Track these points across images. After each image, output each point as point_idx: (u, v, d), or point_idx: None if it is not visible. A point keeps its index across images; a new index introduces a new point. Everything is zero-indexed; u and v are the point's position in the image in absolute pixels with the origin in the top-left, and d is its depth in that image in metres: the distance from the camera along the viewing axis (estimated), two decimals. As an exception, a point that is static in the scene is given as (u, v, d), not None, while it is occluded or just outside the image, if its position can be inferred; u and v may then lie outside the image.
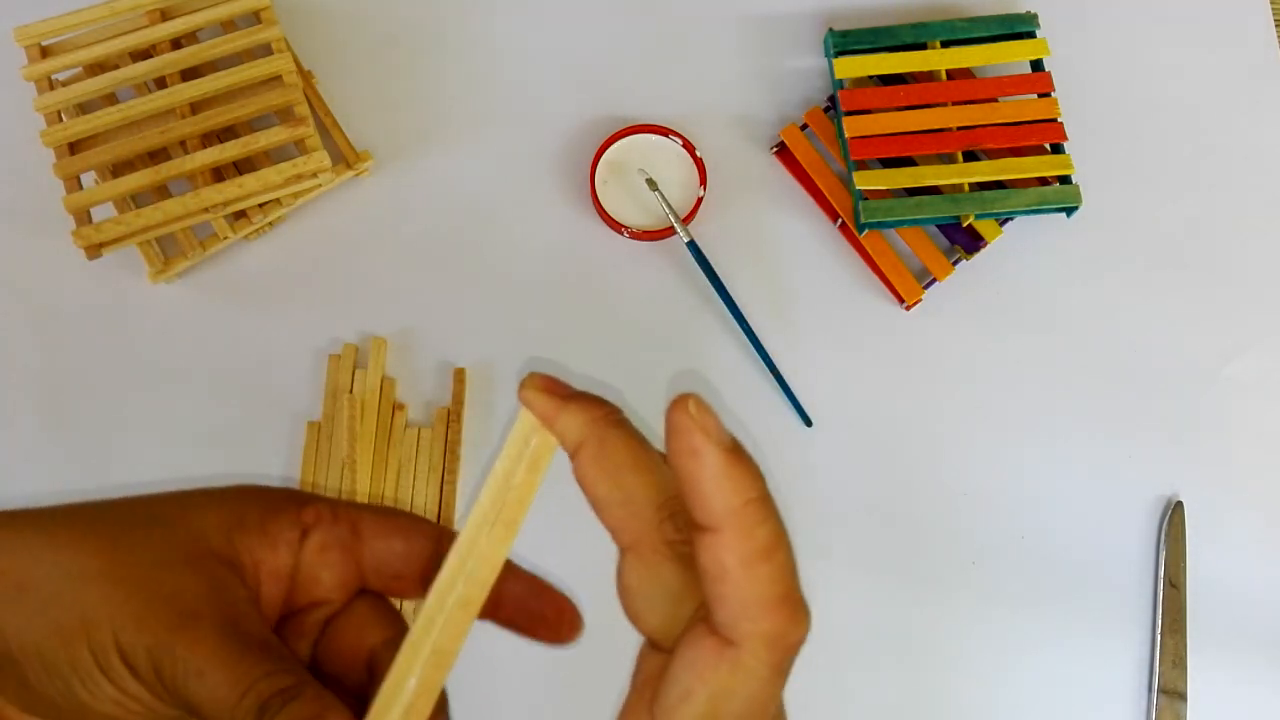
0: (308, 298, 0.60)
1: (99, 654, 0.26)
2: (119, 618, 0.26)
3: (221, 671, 0.26)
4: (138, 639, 0.26)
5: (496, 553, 0.28)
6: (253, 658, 0.26)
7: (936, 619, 0.57)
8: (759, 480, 0.24)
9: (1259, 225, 0.62)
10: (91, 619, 0.26)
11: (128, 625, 0.26)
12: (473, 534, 0.27)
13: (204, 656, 0.26)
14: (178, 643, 0.26)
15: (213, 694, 0.26)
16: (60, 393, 0.58)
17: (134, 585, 0.26)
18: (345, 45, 0.64)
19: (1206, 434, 0.59)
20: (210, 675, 0.26)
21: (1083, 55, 0.64)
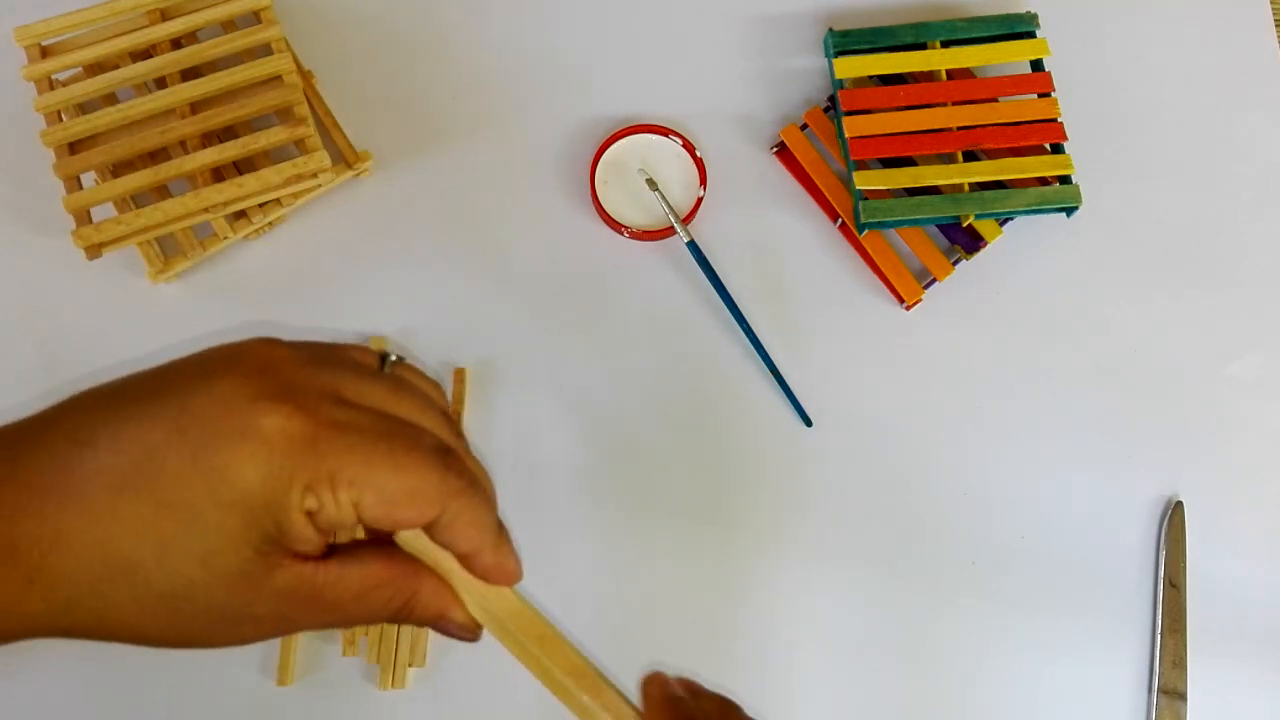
0: (308, 298, 0.60)
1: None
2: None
3: (334, 622, 0.30)
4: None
5: (508, 601, 0.34)
6: (352, 613, 0.30)
7: (936, 619, 0.57)
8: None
9: (1259, 225, 0.62)
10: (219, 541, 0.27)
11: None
12: (483, 612, 0.33)
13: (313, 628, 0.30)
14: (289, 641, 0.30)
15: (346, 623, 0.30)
16: (60, 393, 0.58)
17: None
18: (345, 45, 0.64)
19: (1206, 434, 0.59)
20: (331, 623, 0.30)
21: (1083, 55, 0.64)
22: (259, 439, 0.27)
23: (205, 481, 0.27)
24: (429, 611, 0.31)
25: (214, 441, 0.27)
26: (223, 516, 0.27)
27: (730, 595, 0.57)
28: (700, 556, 0.57)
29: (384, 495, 0.29)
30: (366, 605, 0.30)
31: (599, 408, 0.59)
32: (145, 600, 0.27)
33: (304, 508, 0.28)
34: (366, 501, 0.28)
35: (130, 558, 0.27)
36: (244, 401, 0.28)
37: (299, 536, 0.28)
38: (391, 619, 0.31)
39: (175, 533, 0.27)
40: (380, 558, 0.31)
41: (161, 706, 0.54)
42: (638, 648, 0.56)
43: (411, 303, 0.60)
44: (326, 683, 0.55)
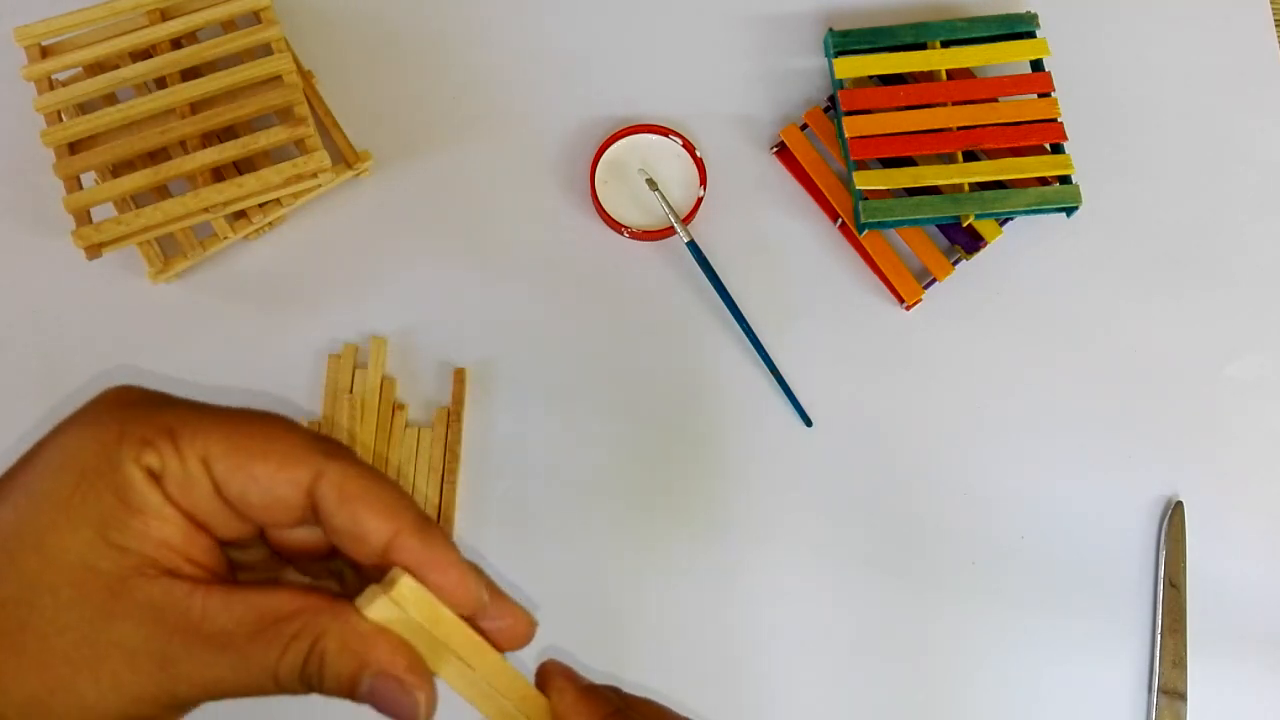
0: (308, 298, 0.60)
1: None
2: (104, 710, 0.24)
3: (234, 682, 0.25)
4: (139, 710, 0.24)
5: (497, 666, 0.28)
6: (250, 654, 0.25)
7: (936, 619, 0.57)
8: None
9: (1259, 225, 0.62)
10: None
11: (120, 709, 0.24)
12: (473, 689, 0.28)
13: (206, 686, 0.25)
14: (177, 691, 0.24)
15: (239, 692, 0.25)
16: (60, 393, 0.58)
17: (83, 678, 0.24)
18: (345, 45, 0.64)
19: (1206, 434, 0.59)
20: (229, 689, 0.25)
21: (1083, 55, 0.64)
22: (81, 417, 0.25)
23: (29, 469, 0.25)
24: (345, 660, 0.25)
25: (36, 455, 0.25)
26: (52, 487, 0.24)
27: (730, 595, 0.57)
28: (700, 556, 0.57)
29: (235, 445, 0.25)
30: (265, 646, 0.24)
31: (598, 408, 0.59)
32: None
33: (142, 464, 0.24)
34: (215, 454, 0.24)
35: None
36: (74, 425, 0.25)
37: (144, 507, 0.24)
38: (302, 675, 0.25)
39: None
40: (292, 589, 0.25)
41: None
42: (637, 648, 0.56)
43: (411, 303, 0.60)
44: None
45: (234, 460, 0.25)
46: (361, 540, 0.25)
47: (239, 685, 0.24)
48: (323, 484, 0.25)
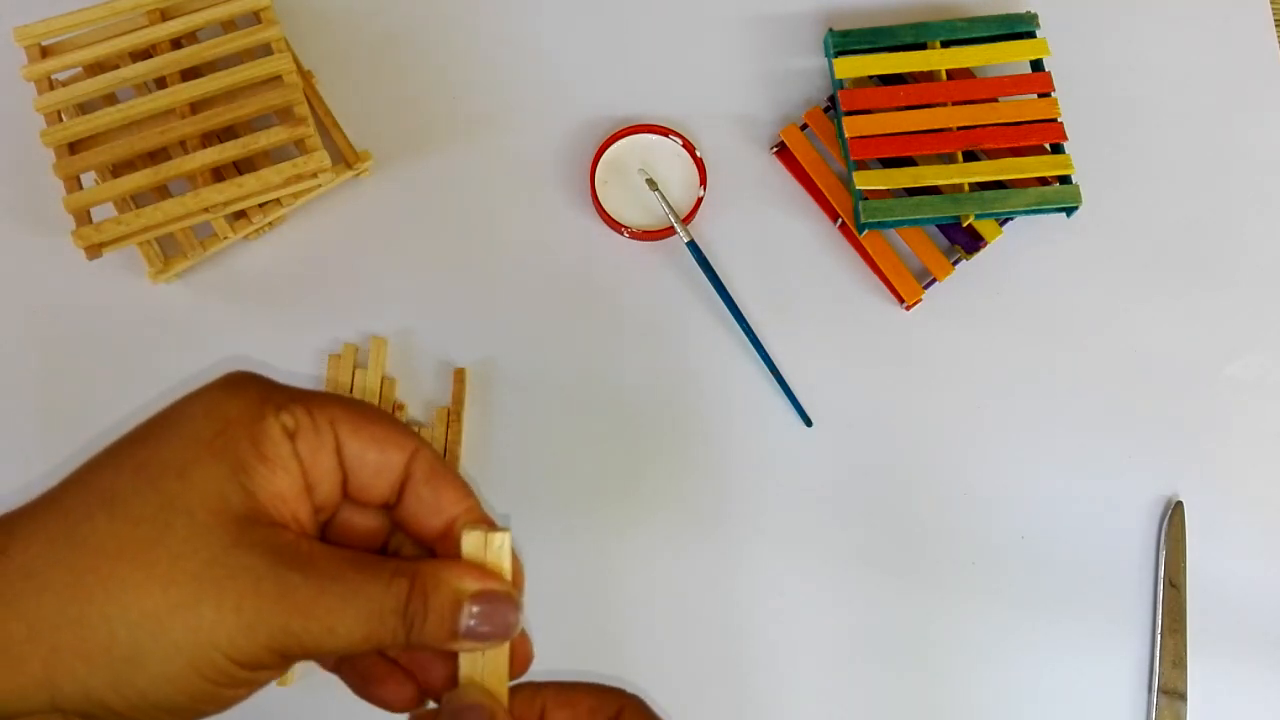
0: (307, 298, 0.60)
1: (222, 678, 0.26)
2: (218, 637, 0.25)
3: (346, 619, 0.26)
4: (253, 648, 0.25)
5: (500, 660, 0.29)
6: (359, 586, 0.26)
7: (936, 619, 0.57)
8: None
9: (1259, 225, 0.62)
10: (198, 658, 0.25)
11: (233, 643, 0.25)
12: (469, 657, 0.29)
13: (321, 618, 0.26)
14: (292, 625, 0.25)
15: (351, 638, 0.26)
16: (60, 393, 0.58)
17: (208, 597, 0.25)
18: (345, 45, 0.64)
19: (1206, 434, 0.59)
20: (339, 627, 0.26)
21: (1083, 55, 0.64)
22: (222, 382, 0.28)
23: (172, 416, 0.27)
24: (444, 592, 0.27)
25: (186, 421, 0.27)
26: (198, 429, 0.27)
27: (729, 595, 0.57)
28: (699, 556, 0.57)
29: (357, 414, 0.28)
30: (370, 579, 0.27)
31: (598, 408, 0.59)
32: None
33: (280, 420, 0.27)
34: (341, 418, 0.28)
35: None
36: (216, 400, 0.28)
37: (275, 457, 0.27)
38: (406, 612, 0.27)
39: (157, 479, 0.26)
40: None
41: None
42: (637, 647, 0.56)
43: (411, 303, 0.60)
44: (327, 682, 0.55)
45: (357, 425, 0.28)
46: (438, 511, 0.29)
47: (348, 624, 0.26)
48: (418, 458, 0.29)
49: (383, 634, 0.27)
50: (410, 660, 0.31)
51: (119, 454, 0.27)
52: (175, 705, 0.26)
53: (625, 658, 0.56)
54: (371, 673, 0.31)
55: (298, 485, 0.28)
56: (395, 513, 0.30)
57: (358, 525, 0.31)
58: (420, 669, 0.31)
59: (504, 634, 0.28)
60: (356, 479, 0.29)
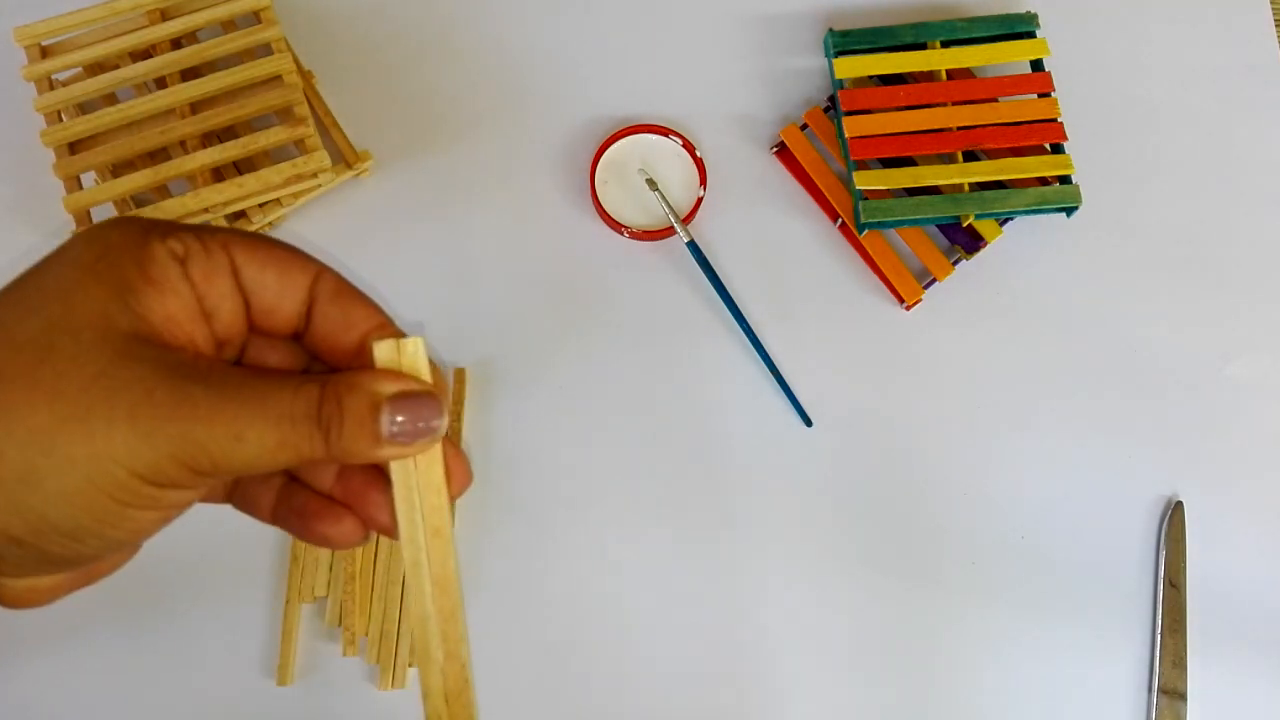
0: (308, 298, 0.60)
1: (125, 495, 0.25)
2: (114, 448, 0.24)
3: (255, 424, 0.25)
4: (154, 457, 0.24)
5: (434, 473, 0.28)
6: (265, 392, 0.25)
7: (936, 619, 0.57)
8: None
9: (1259, 225, 0.62)
10: (95, 471, 0.24)
11: (132, 452, 0.24)
12: (402, 473, 0.28)
13: (226, 424, 0.25)
14: (195, 433, 0.24)
15: (263, 444, 0.25)
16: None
17: (98, 408, 0.24)
18: (345, 45, 0.64)
19: (1206, 434, 0.59)
20: (248, 433, 0.25)
21: (1083, 55, 0.64)
22: (106, 221, 0.27)
23: (54, 252, 0.26)
24: (358, 395, 0.26)
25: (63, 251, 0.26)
26: (77, 255, 0.25)
27: (729, 594, 0.57)
28: (699, 555, 0.57)
29: (254, 242, 0.27)
30: (277, 387, 0.25)
31: (599, 408, 0.59)
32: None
33: (167, 245, 0.26)
34: (237, 244, 0.27)
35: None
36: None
37: (162, 280, 0.25)
38: (320, 417, 0.26)
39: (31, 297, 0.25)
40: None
41: (161, 706, 0.54)
42: (636, 647, 0.56)
43: (411, 302, 0.60)
44: (326, 683, 0.55)
45: (253, 248, 0.27)
46: (348, 328, 0.28)
47: (257, 431, 0.25)
48: (321, 281, 0.28)
49: (298, 441, 0.25)
50: (345, 493, 0.30)
51: (1, 292, 0.26)
52: (80, 526, 0.25)
53: (623, 656, 0.56)
54: (308, 508, 0.30)
55: (191, 308, 0.26)
56: (305, 340, 0.29)
57: (269, 361, 0.30)
58: (356, 500, 0.30)
59: (429, 434, 0.27)
60: (259, 302, 0.28)
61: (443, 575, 0.28)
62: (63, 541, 0.25)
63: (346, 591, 0.55)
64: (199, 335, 0.27)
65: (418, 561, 0.28)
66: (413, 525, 0.28)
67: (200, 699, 0.54)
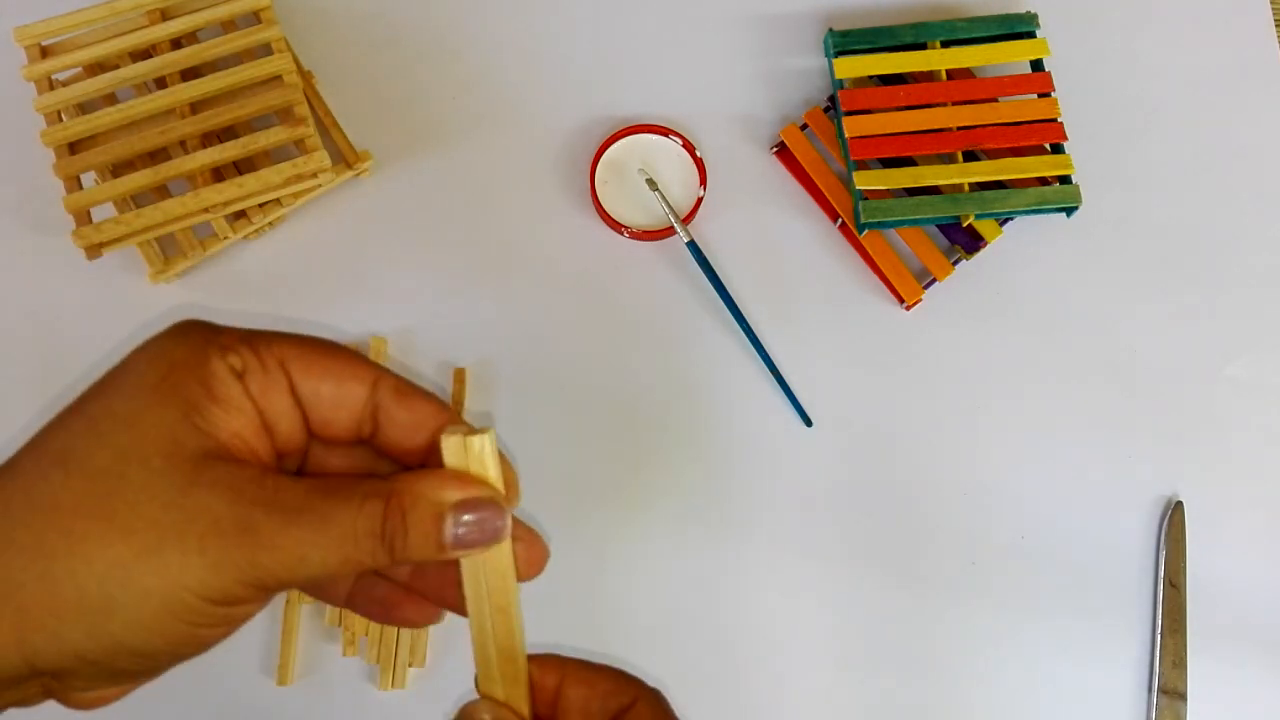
0: (308, 298, 0.60)
1: (197, 618, 0.25)
2: (187, 579, 0.25)
3: (317, 547, 0.26)
4: (223, 583, 0.25)
5: (502, 559, 0.29)
6: (327, 512, 0.26)
7: (936, 619, 0.57)
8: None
9: (1259, 225, 0.62)
10: (169, 600, 0.25)
11: (203, 582, 0.25)
12: (469, 560, 0.29)
13: (290, 549, 0.25)
14: (260, 559, 0.25)
15: (326, 564, 0.26)
16: (60, 393, 0.58)
17: (170, 541, 0.25)
18: (345, 45, 0.64)
19: (1206, 434, 0.59)
20: (311, 555, 0.26)
21: (1083, 55, 0.64)
22: (167, 330, 0.28)
23: (119, 368, 0.27)
24: (424, 506, 0.27)
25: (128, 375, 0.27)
26: (143, 376, 0.26)
27: (728, 594, 0.57)
28: (699, 556, 0.57)
29: (308, 350, 0.28)
30: (340, 504, 0.26)
31: (598, 408, 0.59)
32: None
33: (227, 361, 0.27)
34: (291, 356, 0.27)
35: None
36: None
37: (226, 398, 0.26)
38: (383, 533, 0.26)
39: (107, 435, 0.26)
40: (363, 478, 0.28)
41: (162, 707, 0.54)
42: (635, 647, 0.56)
43: (411, 302, 0.60)
44: (326, 683, 0.55)
45: (309, 361, 0.28)
46: (415, 429, 0.29)
47: (321, 552, 0.26)
48: (382, 385, 0.28)
49: (361, 557, 0.26)
50: (419, 580, 0.31)
51: (69, 414, 0.27)
52: (153, 649, 0.26)
53: (622, 657, 0.56)
54: (388, 599, 0.31)
55: (254, 424, 0.27)
56: (375, 442, 0.29)
57: (333, 466, 0.30)
58: (431, 586, 0.31)
59: (492, 539, 0.28)
60: (316, 414, 0.28)
61: (508, 646, 0.29)
62: (136, 660, 0.26)
63: (346, 591, 0.55)
64: (262, 449, 0.28)
65: (484, 640, 0.29)
66: (480, 607, 0.29)
67: (201, 698, 0.54)
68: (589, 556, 0.57)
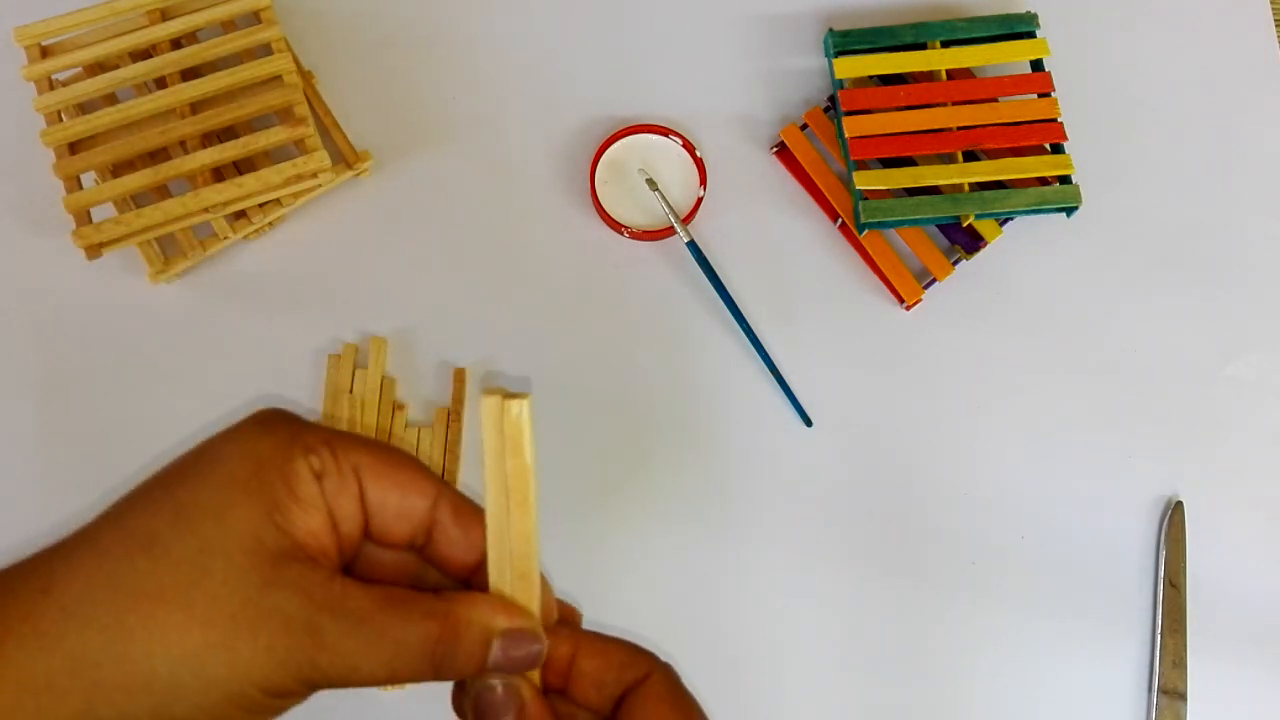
0: (307, 298, 0.60)
1: (253, 706, 0.27)
2: (253, 673, 0.26)
3: (369, 659, 0.27)
4: (283, 680, 0.27)
5: (527, 529, 0.30)
6: (386, 628, 0.27)
7: (936, 619, 0.57)
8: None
9: (1259, 225, 0.62)
10: (233, 691, 0.26)
11: (266, 678, 0.26)
12: (497, 526, 0.29)
13: (346, 657, 0.27)
14: (319, 661, 0.27)
15: (375, 676, 0.28)
16: (60, 393, 0.58)
17: (243, 638, 0.26)
18: (345, 45, 0.64)
19: (1206, 434, 0.59)
20: (363, 666, 0.27)
21: (1083, 55, 0.64)
22: (254, 421, 0.29)
23: (207, 457, 0.28)
24: (475, 631, 0.28)
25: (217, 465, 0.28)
26: (232, 471, 0.28)
27: (728, 594, 0.57)
28: (699, 556, 0.57)
29: (380, 460, 0.29)
30: (399, 619, 0.28)
31: (598, 408, 0.59)
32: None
33: (309, 462, 0.28)
34: (364, 464, 0.29)
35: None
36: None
37: (307, 498, 0.28)
38: (434, 653, 0.28)
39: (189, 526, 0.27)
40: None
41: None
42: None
43: (411, 303, 0.60)
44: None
45: (380, 471, 0.29)
46: (468, 549, 0.30)
47: (372, 660, 0.27)
48: (442, 502, 0.30)
49: (407, 672, 0.28)
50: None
51: (154, 494, 0.28)
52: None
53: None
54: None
55: (327, 525, 0.29)
56: (425, 551, 0.31)
57: (384, 562, 0.31)
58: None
59: (531, 664, 0.29)
60: (378, 522, 0.30)
61: (523, 533, 0.30)
62: None
63: (346, 591, 0.55)
64: (331, 547, 0.29)
65: (501, 532, 0.30)
66: (499, 501, 0.30)
67: (200, 699, 0.54)
68: (588, 556, 0.57)
